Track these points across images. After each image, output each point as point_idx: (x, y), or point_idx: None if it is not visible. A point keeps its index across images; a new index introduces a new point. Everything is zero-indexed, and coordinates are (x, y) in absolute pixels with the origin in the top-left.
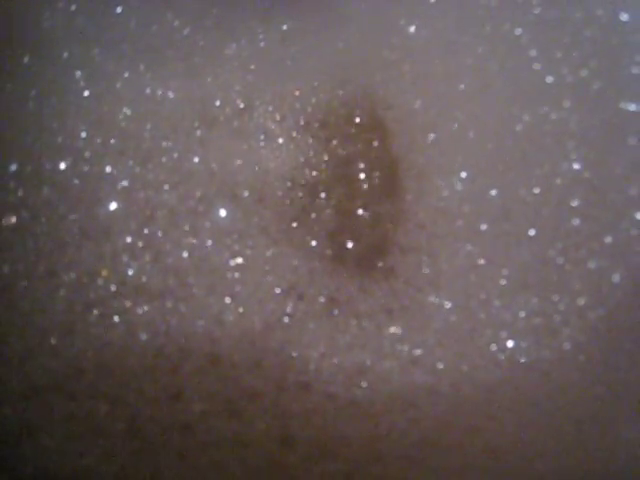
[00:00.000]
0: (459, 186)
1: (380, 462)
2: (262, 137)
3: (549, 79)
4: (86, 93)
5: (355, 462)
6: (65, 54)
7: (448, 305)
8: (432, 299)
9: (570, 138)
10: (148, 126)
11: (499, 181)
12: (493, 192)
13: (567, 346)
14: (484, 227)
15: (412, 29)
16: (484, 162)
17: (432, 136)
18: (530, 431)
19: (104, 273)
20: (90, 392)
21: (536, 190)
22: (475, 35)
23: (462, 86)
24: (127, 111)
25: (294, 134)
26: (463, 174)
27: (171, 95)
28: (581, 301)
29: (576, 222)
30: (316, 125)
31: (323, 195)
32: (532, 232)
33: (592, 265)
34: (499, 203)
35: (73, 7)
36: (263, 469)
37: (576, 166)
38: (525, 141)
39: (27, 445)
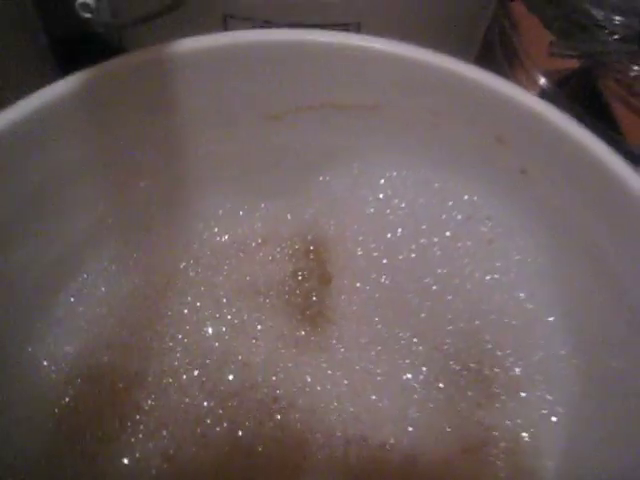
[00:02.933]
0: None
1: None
2: (270, 259)
3: None
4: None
5: None
6: None
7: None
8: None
9: None
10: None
11: None
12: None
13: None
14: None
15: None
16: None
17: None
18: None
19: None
20: None
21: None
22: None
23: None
24: (207, 252)
25: (286, 258)
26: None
27: (226, 237)
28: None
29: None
30: (294, 251)
31: (300, 280)
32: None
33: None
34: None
35: None
36: None
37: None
38: None
39: None
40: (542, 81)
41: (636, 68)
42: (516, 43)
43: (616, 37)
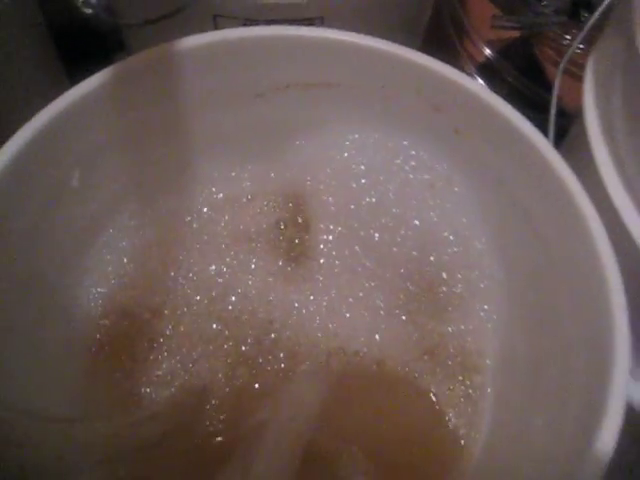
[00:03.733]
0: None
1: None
2: (258, 211)
3: None
4: None
5: None
6: None
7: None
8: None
9: None
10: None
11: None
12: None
13: None
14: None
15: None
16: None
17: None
18: None
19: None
20: None
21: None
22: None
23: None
24: (207, 208)
25: (272, 210)
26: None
27: (221, 195)
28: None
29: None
30: (278, 203)
31: (284, 226)
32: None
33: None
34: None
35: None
36: None
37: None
38: None
39: None
40: (487, 51)
41: (567, 37)
42: (464, 18)
43: (551, 9)
